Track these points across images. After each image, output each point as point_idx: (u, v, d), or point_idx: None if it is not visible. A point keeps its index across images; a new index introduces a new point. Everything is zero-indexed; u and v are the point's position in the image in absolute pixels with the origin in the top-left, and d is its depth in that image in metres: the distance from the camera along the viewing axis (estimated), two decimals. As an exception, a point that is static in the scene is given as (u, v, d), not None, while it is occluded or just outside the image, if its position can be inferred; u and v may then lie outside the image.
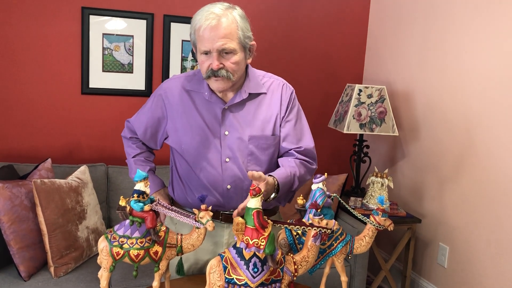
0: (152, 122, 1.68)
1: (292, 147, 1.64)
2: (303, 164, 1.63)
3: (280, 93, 1.64)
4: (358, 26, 3.44)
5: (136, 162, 1.74)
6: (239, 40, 1.49)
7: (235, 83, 1.56)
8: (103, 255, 1.32)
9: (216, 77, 1.50)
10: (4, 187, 2.14)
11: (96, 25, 2.80)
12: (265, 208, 1.65)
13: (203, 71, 1.53)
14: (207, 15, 1.46)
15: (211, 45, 1.46)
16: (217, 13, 1.46)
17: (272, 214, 1.71)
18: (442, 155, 2.78)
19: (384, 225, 1.46)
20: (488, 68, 2.46)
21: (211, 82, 1.53)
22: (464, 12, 2.62)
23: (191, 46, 1.61)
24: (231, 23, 1.47)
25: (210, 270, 1.24)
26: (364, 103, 2.90)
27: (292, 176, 1.55)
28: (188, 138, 1.59)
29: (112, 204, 2.71)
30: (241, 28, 1.50)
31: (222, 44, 1.46)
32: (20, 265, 2.13)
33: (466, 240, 2.61)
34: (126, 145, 1.80)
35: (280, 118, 1.63)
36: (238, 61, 1.50)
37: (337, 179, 2.91)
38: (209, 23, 1.45)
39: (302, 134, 1.67)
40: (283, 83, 1.67)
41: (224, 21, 1.46)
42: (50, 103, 2.80)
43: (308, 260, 1.31)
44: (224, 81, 1.51)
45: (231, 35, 1.47)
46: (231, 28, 1.47)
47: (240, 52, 1.51)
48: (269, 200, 1.49)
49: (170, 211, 1.35)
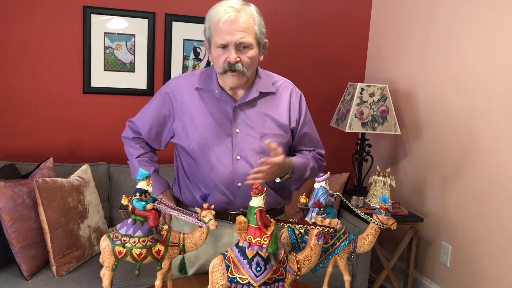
0: (157, 121, 1.66)
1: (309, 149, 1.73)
2: (315, 159, 1.70)
3: (289, 94, 1.66)
4: (360, 25, 3.43)
5: (140, 162, 1.72)
6: (256, 36, 1.51)
7: (247, 81, 1.56)
8: (105, 254, 1.31)
9: (233, 71, 1.49)
10: (6, 186, 2.14)
11: (97, 24, 2.80)
12: (274, 208, 1.65)
13: (219, 65, 1.52)
14: (225, 8, 1.48)
15: (230, 38, 1.46)
16: (236, 7, 1.48)
17: (280, 214, 1.71)
18: (444, 154, 2.78)
19: (387, 224, 1.46)
20: (491, 67, 2.45)
21: (227, 78, 1.52)
22: (467, 10, 2.61)
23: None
24: (249, 17, 1.49)
25: (213, 269, 1.24)
26: (366, 102, 2.89)
27: (306, 164, 1.63)
28: (198, 136, 1.58)
29: (114, 203, 2.71)
30: (257, 23, 1.51)
31: (240, 37, 1.46)
32: (22, 264, 2.13)
33: (469, 239, 2.60)
34: (128, 146, 1.77)
35: (291, 120, 1.64)
36: (254, 56, 1.52)
37: (339, 178, 2.90)
38: (229, 16, 1.46)
39: (316, 138, 1.76)
40: (292, 85, 1.70)
41: (243, 14, 1.47)
42: (51, 102, 2.79)
43: (311, 259, 1.30)
44: (240, 77, 1.51)
45: (249, 30, 1.48)
46: (249, 23, 1.48)
47: (256, 47, 1.52)
48: (284, 179, 1.56)
49: (173, 210, 1.35)
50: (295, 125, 1.65)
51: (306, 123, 1.69)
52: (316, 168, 1.69)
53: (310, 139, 1.72)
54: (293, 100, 1.66)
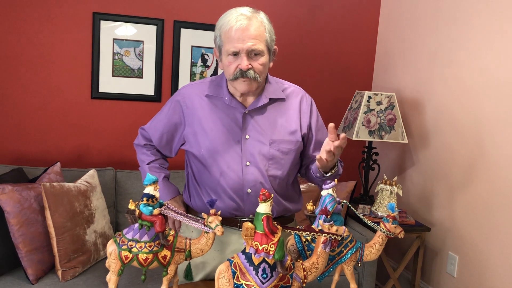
0: (168, 128, 1.67)
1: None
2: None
3: (299, 101, 1.66)
4: (368, 34, 3.44)
5: (151, 168, 1.72)
6: (266, 43, 1.52)
7: (258, 87, 1.56)
8: (112, 259, 1.31)
9: (244, 78, 1.50)
10: (14, 190, 2.15)
11: (106, 30, 2.82)
12: (283, 215, 1.65)
13: (230, 72, 1.52)
14: (237, 16, 1.49)
15: (241, 45, 1.47)
16: (247, 15, 1.49)
17: (290, 222, 1.70)
18: (452, 163, 2.76)
19: (395, 233, 1.45)
20: (498, 75, 2.44)
21: (238, 84, 1.53)
22: (474, 19, 2.61)
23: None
24: (260, 25, 1.50)
25: (219, 275, 1.23)
26: (373, 110, 2.89)
27: (337, 161, 1.57)
28: (208, 142, 1.58)
29: (120, 208, 2.71)
30: (268, 30, 1.53)
31: (252, 44, 1.47)
32: (28, 268, 2.13)
33: (476, 249, 2.57)
34: (139, 153, 1.77)
35: (302, 125, 1.64)
36: (265, 63, 1.53)
37: (346, 186, 2.89)
38: (241, 24, 1.47)
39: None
40: (303, 92, 1.70)
41: (254, 22, 1.49)
42: (60, 107, 2.81)
43: (317, 266, 1.29)
44: (252, 83, 1.52)
45: (260, 37, 1.49)
46: (260, 30, 1.49)
47: (267, 54, 1.53)
48: (332, 172, 1.54)
49: (179, 215, 1.35)
50: (306, 131, 1.65)
51: (319, 129, 1.69)
52: (340, 168, 1.64)
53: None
54: (304, 106, 1.66)
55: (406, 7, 3.17)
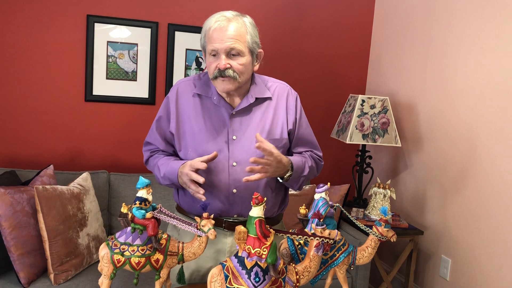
0: (165, 130, 1.68)
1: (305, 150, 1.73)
2: (313, 158, 1.71)
3: (285, 97, 1.68)
4: (362, 37, 3.45)
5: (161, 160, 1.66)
6: (247, 44, 1.54)
7: (241, 86, 1.58)
8: (104, 262, 1.31)
9: (223, 77, 1.52)
10: (6, 193, 2.14)
11: (100, 33, 2.82)
12: (269, 217, 1.65)
13: (210, 72, 1.55)
14: (218, 17, 1.53)
15: (219, 45, 1.50)
16: (228, 16, 1.53)
17: (275, 223, 1.71)
18: (444, 167, 2.77)
19: (387, 236, 1.46)
20: (490, 80, 2.46)
21: (218, 83, 1.55)
22: (466, 24, 2.63)
23: (201, 53, 1.63)
24: (241, 26, 1.53)
25: (211, 279, 1.23)
26: (367, 114, 2.90)
27: (303, 162, 1.63)
28: (196, 142, 1.60)
29: (113, 211, 2.70)
30: (249, 32, 1.55)
31: (230, 44, 1.50)
32: (20, 271, 2.12)
33: (469, 252, 2.59)
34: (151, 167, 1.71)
35: (288, 122, 1.66)
36: (245, 63, 1.54)
37: (339, 189, 2.90)
38: (219, 24, 1.50)
39: (313, 139, 1.76)
40: (288, 88, 1.72)
41: (234, 23, 1.52)
42: (53, 110, 2.80)
43: (310, 270, 1.30)
44: (231, 82, 1.53)
45: (239, 37, 1.51)
46: (240, 31, 1.52)
47: (248, 55, 1.55)
48: (286, 177, 1.57)
49: (172, 219, 1.35)
50: (292, 127, 1.67)
51: (301, 124, 1.71)
52: (314, 167, 1.70)
53: (306, 140, 1.73)
54: (290, 102, 1.68)
55: (399, 11, 3.19)
